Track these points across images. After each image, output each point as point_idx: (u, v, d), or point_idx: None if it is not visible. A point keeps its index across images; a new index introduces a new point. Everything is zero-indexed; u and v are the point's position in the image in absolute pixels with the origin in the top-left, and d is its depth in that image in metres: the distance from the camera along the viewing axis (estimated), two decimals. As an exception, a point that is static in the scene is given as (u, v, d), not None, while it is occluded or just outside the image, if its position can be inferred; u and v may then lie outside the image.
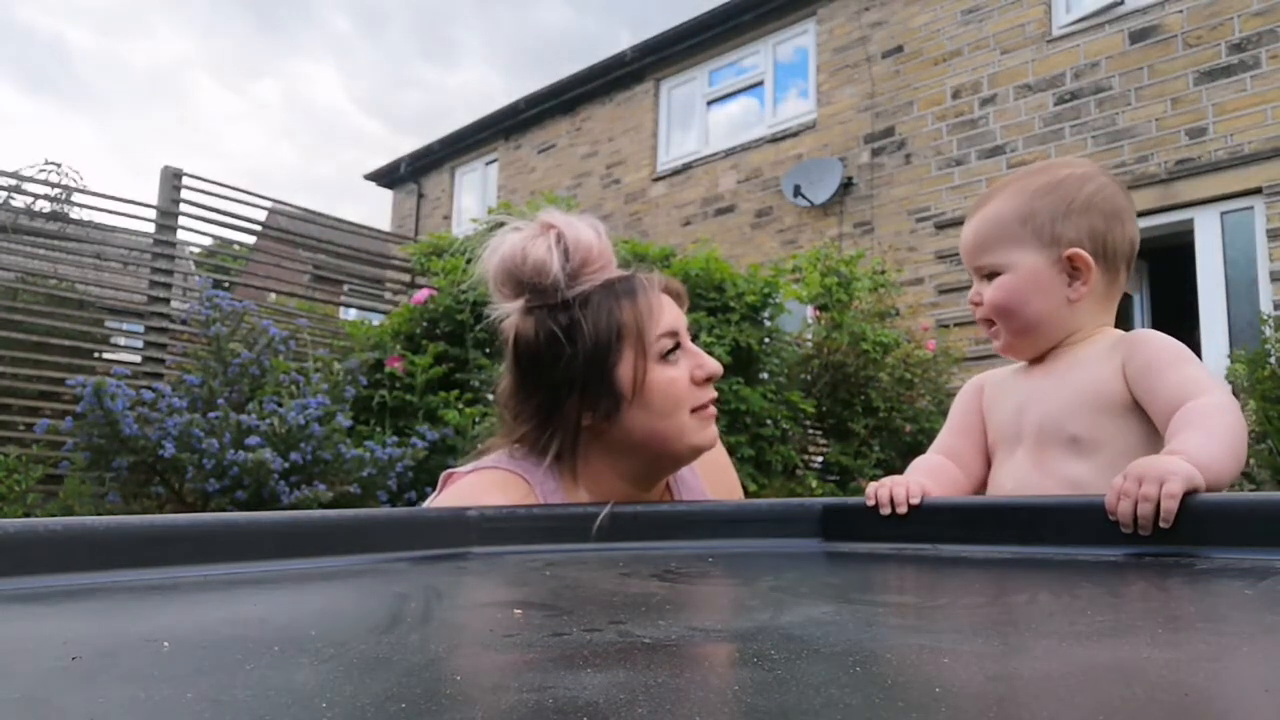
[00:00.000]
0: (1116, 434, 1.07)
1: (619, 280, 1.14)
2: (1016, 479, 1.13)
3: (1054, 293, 1.13)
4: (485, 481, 1.14)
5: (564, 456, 1.14)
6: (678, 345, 1.14)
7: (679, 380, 1.12)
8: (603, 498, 1.14)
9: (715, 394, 1.16)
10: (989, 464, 1.21)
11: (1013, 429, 1.17)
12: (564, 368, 1.11)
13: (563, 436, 1.13)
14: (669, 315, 1.14)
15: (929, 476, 1.13)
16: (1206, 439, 0.92)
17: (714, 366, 1.15)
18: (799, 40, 9.71)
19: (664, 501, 1.22)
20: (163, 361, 4.97)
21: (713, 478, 1.31)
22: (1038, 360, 1.18)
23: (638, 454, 1.14)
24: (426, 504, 1.19)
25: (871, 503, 1.00)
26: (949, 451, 1.23)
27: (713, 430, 1.17)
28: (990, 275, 1.16)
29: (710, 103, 10.45)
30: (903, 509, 0.98)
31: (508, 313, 1.16)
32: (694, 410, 1.13)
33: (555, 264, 1.10)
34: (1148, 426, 1.06)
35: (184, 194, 5.07)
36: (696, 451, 1.16)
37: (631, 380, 1.10)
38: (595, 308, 1.11)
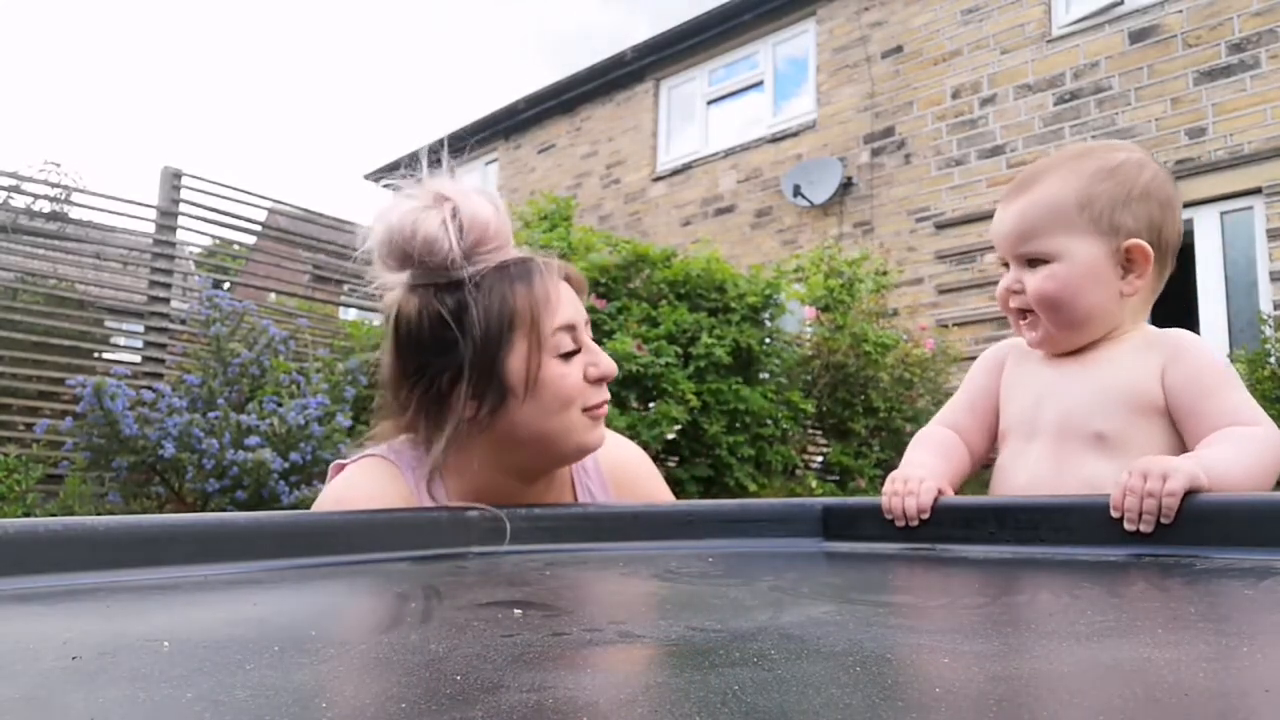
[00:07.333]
0: (1145, 435, 1.02)
1: (515, 263, 1.05)
2: (1032, 475, 1.07)
3: (1108, 285, 1.05)
4: (357, 475, 1.09)
5: (446, 447, 1.05)
6: (575, 340, 1.06)
7: (570, 377, 1.05)
8: (475, 489, 1.06)
9: (608, 395, 1.10)
10: (992, 440, 1.16)
11: (1028, 421, 1.10)
12: (449, 355, 1.02)
13: (449, 428, 1.03)
14: (567, 307, 1.06)
15: (939, 456, 1.10)
16: (1226, 453, 0.91)
17: (609, 366, 1.08)
18: (799, 40, 9.71)
19: (665, 503, 1.22)
20: (163, 361, 4.97)
21: (628, 489, 1.23)
22: (1067, 352, 1.10)
23: (522, 450, 1.07)
24: (319, 500, 1.12)
25: (889, 517, 0.98)
26: (957, 426, 1.17)
27: (601, 431, 1.10)
28: (1034, 262, 1.07)
29: (710, 103, 10.44)
30: (915, 523, 0.96)
31: (390, 286, 1.07)
32: (585, 410, 1.06)
33: (448, 241, 1.01)
34: (1178, 432, 1.02)
35: (184, 194, 5.07)
36: (583, 451, 1.10)
37: (524, 374, 1.02)
38: (487, 292, 1.02)
